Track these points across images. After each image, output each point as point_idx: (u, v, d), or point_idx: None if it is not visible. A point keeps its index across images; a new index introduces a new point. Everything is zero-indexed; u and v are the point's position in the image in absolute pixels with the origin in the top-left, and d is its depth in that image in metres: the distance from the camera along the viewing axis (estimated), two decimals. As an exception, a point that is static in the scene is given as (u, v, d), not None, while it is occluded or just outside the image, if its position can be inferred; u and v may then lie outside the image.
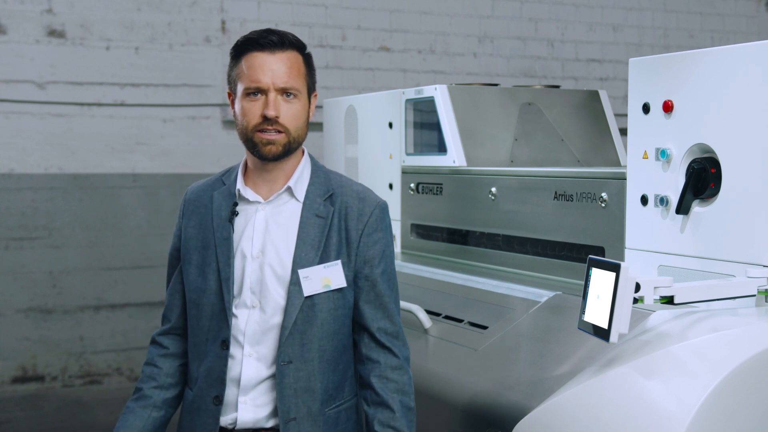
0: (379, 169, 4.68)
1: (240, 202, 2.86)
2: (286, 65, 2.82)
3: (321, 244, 2.83)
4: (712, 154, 2.77)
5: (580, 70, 9.12)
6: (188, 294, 2.87)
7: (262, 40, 2.81)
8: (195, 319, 2.84)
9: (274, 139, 2.80)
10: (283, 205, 2.86)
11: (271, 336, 2.79)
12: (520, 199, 3.69)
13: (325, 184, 2.91)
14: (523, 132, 4.40)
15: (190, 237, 2.89)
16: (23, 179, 7.28)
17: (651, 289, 2.45)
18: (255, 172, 2.88)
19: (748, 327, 2.42)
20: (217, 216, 2.86)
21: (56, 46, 7.22)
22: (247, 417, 2.76)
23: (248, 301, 2.79)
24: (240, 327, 2.78)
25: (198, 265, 2.85)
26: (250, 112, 2.80)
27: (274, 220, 2.84)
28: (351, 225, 2.86)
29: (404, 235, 4.49)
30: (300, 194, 2.86)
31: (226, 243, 2.82)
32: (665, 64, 2.92)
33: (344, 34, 8.13)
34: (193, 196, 2.95)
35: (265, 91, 2.79)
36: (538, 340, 3.04)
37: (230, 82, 2.89)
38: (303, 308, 2.78)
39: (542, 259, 3.58)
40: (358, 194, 2.91)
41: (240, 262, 2.81)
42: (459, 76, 8.43)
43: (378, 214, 2.89)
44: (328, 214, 2.86)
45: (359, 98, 4.95)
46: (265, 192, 2.86)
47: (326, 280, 2.83)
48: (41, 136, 7.24)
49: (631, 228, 3.06)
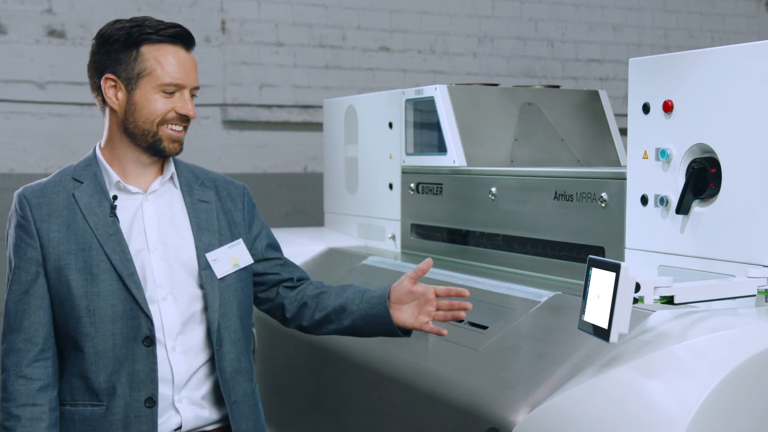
0: (379, 169, 4.68)
1: None
2: (195, 65, 2.81)
3: (216, 227, 2.83)
4: (712, 154, 2.77)
5: (580, 70, 9.12)
6: (75, 302, 2.65)
7: (182, 36, 2.76)
8: (89, 327, 2.65)
9: (180, 137, 2.77)
10: (164, 195, 2.83)
11: (192, 325, 2.75)
12: (520, 199, 3.69)
13: (191, 171, 2.93)
14: (523, 132, 4.40)
15: (57, 242, 2.68)
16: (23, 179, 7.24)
17: (651, 289, 2.45)
18: (128, 164, 2.79)
19: (748, 327, 2.42)
20: (91, 214, 2.70)
21: (56, 46, 7.22)
22: (188, 415, 2.71)
23: (156, 295, 2.71)
24: (155, 323, 2.70)
25: (80, 269, 2.67)
26: (162, 106, 2.72)
27: (160, 210, 2.80)
28: (230, 206, 2.90)
29: (404, 235, 4.49)
30: (176, 182, 2.85)
31: (114, 239, 2.69)
32: (665, 64, 2.92)
33: (344, 34, 8.13)
34: (39, 200, 2.73)
35: (180, 89, 2.75)
36: (538, 340, 3.05)
37: (120, 67, 2.73)
38: (221, 291, 2.78)
39: (542, 259, 3.58)
40: (222, 178, 2.98)
41: (136, 256, 2.71)
42: (459, 76, 8.43)
43: (248, 193, 2.99)
44: (211, 198, 2.87)
45: (359, 98, 4.95)
46: (142, 183, 2.80)
47: (234, 260, 2.85)
48: (41, 136, 7.24)
49: (631, 228, 3.06)
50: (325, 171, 5.32)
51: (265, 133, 7.90)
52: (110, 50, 2.74)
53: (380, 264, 4.25)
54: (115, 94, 2.75)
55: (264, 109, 7.85)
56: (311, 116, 7.95)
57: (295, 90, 7.97)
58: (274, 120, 7.89)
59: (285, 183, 7.92)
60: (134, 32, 2.71)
